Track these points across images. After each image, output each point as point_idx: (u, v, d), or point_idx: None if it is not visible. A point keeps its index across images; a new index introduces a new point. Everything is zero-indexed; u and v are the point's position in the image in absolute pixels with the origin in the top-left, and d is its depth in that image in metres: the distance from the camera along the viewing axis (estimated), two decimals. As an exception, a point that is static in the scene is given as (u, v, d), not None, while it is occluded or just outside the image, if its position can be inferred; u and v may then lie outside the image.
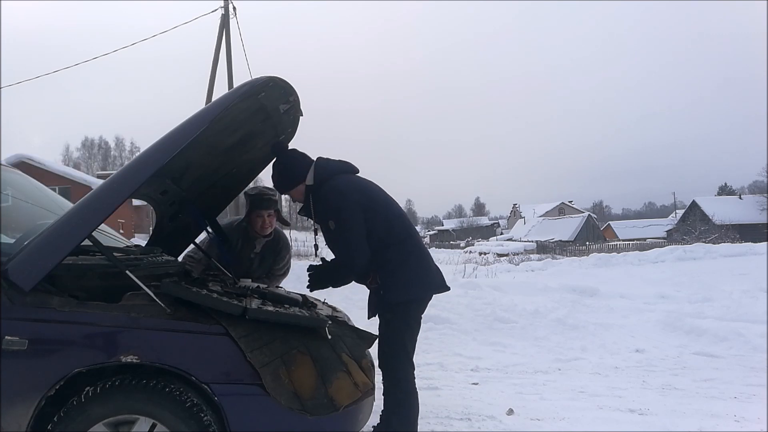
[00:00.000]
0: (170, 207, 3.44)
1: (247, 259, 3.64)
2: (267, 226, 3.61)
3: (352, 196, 2.75)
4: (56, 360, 2.17)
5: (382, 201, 2.88)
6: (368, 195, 2.83)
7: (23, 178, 3.48)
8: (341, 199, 2.74)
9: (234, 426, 2.20)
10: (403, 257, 2.81)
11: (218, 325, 2.29)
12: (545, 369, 5.07)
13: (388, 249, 2.78)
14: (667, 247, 17.34)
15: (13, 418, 2.13)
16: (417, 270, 2.83)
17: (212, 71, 15.72)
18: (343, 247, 2.76)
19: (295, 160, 2.92)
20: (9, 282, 2.14)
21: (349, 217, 2.71)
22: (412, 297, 2.81)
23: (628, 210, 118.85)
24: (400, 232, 2.84)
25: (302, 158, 2.93)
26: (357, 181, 2.88)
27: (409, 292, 2.79)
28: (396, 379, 2.79)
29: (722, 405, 3.93)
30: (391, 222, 2.83)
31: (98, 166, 77.44)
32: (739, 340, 5.82)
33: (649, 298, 8.52)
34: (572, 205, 77.61)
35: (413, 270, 2.82)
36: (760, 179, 57.00)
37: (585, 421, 3.59)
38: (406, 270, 2.79)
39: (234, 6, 16.47)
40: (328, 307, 3.22)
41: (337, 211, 2.73)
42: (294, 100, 2.98)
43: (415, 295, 2.83)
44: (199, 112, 2.41)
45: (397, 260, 2.79)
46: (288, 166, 2.91)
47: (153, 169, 2.28)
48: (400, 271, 2.78)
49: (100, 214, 2.25)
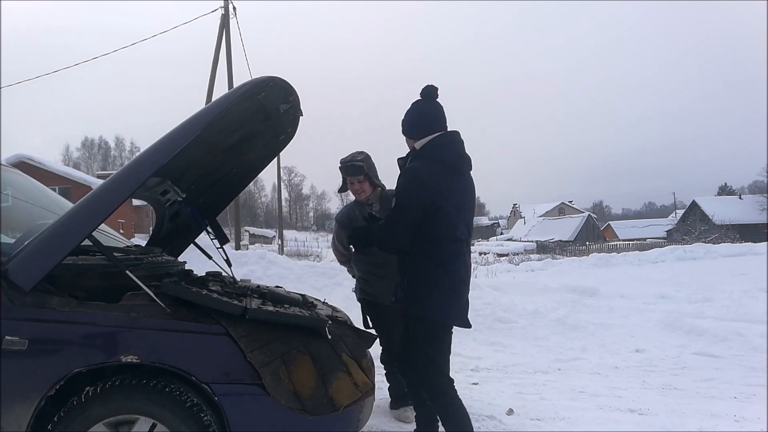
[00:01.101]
0: (170, 207, 3.44)
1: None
2: (359, 191, 3.65)
3: (424, 190, 2.62)
4: (56, 360, 2.17)
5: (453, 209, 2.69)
6: (443, 196, 2.65)
7: (23, 178, 3.48)
8: (413, 186, 2.63)
9: (234, 426, 2.20)
10: (442, 274, 2.66)
11: (218, 325, 2.29)
12: (545, 369, 5.07)
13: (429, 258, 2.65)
14: (667, 247, 17.35)
15: (13, 418, 2.13)
16: (446, 294, 2.67)
17: (212, 71, 15.75)
18: (386, 229, 2.69)
19: (429, 118, 2.79)
20: (9, 282, 2.14)
21: (409, 206, 2.62)
22: (434, 318, 2.69)
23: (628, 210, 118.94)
24: (451, 250, 2.68)
25: (434, 121, 2.79)
26: (442, 178, 2.68)
27: (432, 311, 2.67)
28: (434, 393, 2.72)
29: (722, 405, 3.93)
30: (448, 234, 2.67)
31: (98, 166, 77.48)
32: (739, 340, 5.83)
33: (649, 298, 8.52)
34: (572, 205, 77.60)
35: (442, 293, 2.66)
36: (760, 179, 57.13)
37: (585, 421, 3.59)
38: (436, 289, 2.65)
39: (234, 6, 16.52)
40: (328, 307, 3.22)
41: (402, 196, 2.65)
42: (294, 100, 2.98)
43: (437, 317, 2.70)
44: (199, 112, 2.41)
45: (429, 275, 2.65)
46: (420, 118, 2.80)
47: (153, 169, 2.28)
48: (430, 288, 2.65)
49: (100, 214, 2.25)
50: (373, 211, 3.67)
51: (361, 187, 3.64)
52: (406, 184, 2.68)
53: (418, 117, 2.82)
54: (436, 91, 2.84)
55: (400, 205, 2.66)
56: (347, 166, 3.62)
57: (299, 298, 2.92)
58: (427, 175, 2.65)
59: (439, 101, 2.86)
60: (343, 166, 3.65)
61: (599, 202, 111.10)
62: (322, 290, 7.93)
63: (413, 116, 2.84)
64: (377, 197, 3.70)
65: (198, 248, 3.67)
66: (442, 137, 2.78)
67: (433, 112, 2.82)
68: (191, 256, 3.77)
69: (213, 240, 3.41)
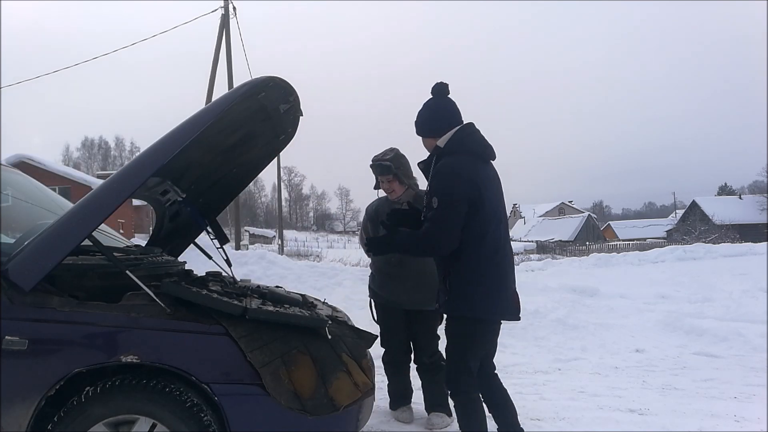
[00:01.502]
0: (170, 207, 3.44)
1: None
2: (389, 190, 3.59)
3: (465, 183, 2.57)
4: (56, 360, 2.17)
5: (493, 199, 2.66)
6: (482, 186, 2.62)
7: (23, 178, 3.48)
8: (453, 181, 2.57)
9: (234, 426, 2.21)
10: (486, 268, 2.61)
11: (218, 325, 2.29)
12: (545, 369, 5.07)
13: (474, 252, 2.59)
14: (667, 247, 17.33)
15: (13, 418, 2.13)
16: (493, 287, 2.62)
17: (212, 71, 15.76)
18: (437, 229, 2.57)
19: (446, 114, 2.75)
20: (9, 282, 2.14)
21: (454, 202, 2.54)
22: (478, 316, 2.63)
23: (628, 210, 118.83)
24: (494, 241, 2.64)
25: (451, 115, 2.75)
26: (478, 169, 2.66)
27: (477, 308, 2.60)
28: (461, 395, 2.69)
29: (722, 405, 3.93)
30: (490, 225, 2.63)
31: (98, 166, 77.50)
32: (739, 340, 5.82)
33: (649, 298, 8.51)
34: (572, 205, 77.57)
35: (489, 286, 2.61)
36: (760, 179, 57.14)
37: (585, 421, 3.59)
38: (483, 284, 2.60)
39: (234, 6, 16.53)
40: (328, 307, 3.22)
41: (444, 194, 2.56)
42: (294, 100, 2.98)
43: (483, 316, 2.63)
44: (199, 112, 2.41)
45: (477, 270, 2.59)
46: (437, 114, 2.76)
47: (153, 169, 2.28)
48: (476, 283, 2.59)
49: (100, 214, 2.25)
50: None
51: (391, 186, 3.56)
52: (446, 180, 2.60)
53: (437, 114, 2.78)
54: (447, 88, 2.82)
55: (446, 203, 2.55)
56: (375, 165, 3.54)
57: (299, 298, 2.93)
58: (464, 168, 2.62)
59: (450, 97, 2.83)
60: (372, 165, 3.58)
61: (599, 202, 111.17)
62: (322, 290, 7.93)
63: (431, 114, 2.79)
64: (409, 197, 3.59)
65: (198, 248, 3.67)
66: (463, 130, 2.75)
67: (449, 107, 2.79)
68: (191, 256, 3.77)
69: (213, 240, 3.41)
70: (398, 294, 3.55)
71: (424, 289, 3.45)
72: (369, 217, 3.79)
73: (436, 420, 3.51)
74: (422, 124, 2.83)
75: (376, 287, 3.70)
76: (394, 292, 3.57)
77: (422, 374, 3.66)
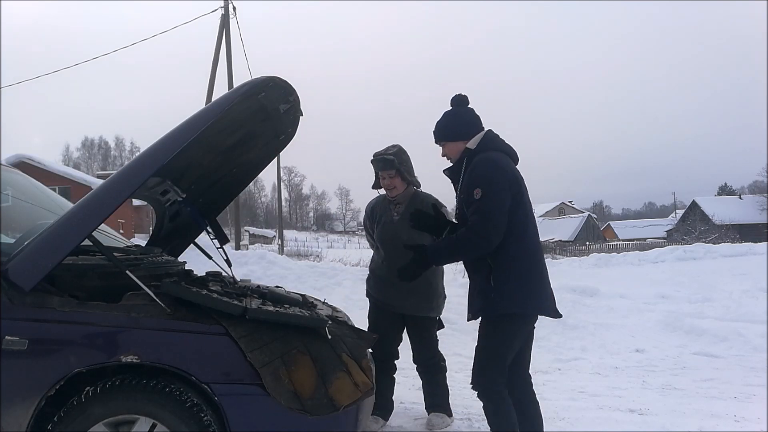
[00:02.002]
0: (170, 207, 3.45)
1: (390, 225, 3.53)
2: (390, 187, 3.50)
3: (506, 173, 2.62)
4: (56, 360, 2.17)
5: (527, 196, 2.71)
6: (520, 182, 2.67)
7: (23, 178, 3.48)
8: (496, 172, 2.60)
9: (234, 426, 2.21)
10: (530, 264, 2.61)
11: (218, 325, 2.29)
12: (545, 369, 5.07)
13: (519, 247, 2.59)
14: (667, 247, 17.31)
15: (13, 418, 2.13)
16: (537, 284, 2.63)
17: (212, 71, 15.76)
18: (484, 218, 2.53)
19: (471, 118, 2.82)
20: (9, 282, 2.14)
21: (499, 190, 2.56)
22: (524, 311, 2.62)
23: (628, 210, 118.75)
24: (533, 237, 2.67)
25: (477, 120, 2.83)
26: (512, 166, 2.75)
27: (524, 304, 2.59)
28: (491, 392, 2.63)
29: (722, 405, 3.93)
30: (529, 221, 2.66)
31: (98, 166, 77.48)
32: (739, 340, 5.83)
33: (649, 298, 8.51)
34: (572, 205, 77.52)
35: (534, 282, 2.62)
36: (760, 179, 57.16)
37: (585, 421, 3.60)
38: (528, 279, 2.59)
39: (234, 6, 16.53)
40: (328, 307, 3.22)
41: (489, 182, 2.57)
42: (294, 100, 2.98)
43: (528, 310, 2.64)
44: (199, 112, 2.41)
45: (522, 266, 2.59)
46: (463, 119, 2.81)
47: (153, 169, 2.28)
48: (522, 278, 2.58)
49: (100, 214, 2.25)
50: (395, 214, 3.53)
51: (392, 182, 3.48)
52: (488, 171, 2.60)
53: (464, 119, 2.82)
54: (467, 99, 2.88)
55: (491, 192, 2.54)
56: (378, 159, 3.46)
57: (299, 298, 2.93)
58: (504, 161, 2.68)
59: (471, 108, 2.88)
60: (374, 159, 3.50)
61: (599, 202, 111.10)
62: (322, 290, 7.93)
63: (458, 119, 2.82)
64: (407, 196, 3.52)
65: (198, 248, 3.67)
66: (490, 132, 2.81)
67: (473, 113, 2.85)
68: (191, 256, 3.77)
69: (213, 240, 3.41)
70: (391, 298, 3.51)
71: (417, 295, 3.43)
72: (367, 213, 3.76)
73: (436, 420, 3.50)
74: (449, 128, 2.83)
75: (371, 288, 3.69)
76: (388, 296, 3.54)
77: (423, 374, 3.64)
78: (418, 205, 3.35)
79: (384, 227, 3.55)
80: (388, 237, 3.51)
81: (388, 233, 3.52)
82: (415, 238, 3.18)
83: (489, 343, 2.66)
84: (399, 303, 3.49)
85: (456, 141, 2.80)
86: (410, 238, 3.20)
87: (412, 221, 2.89)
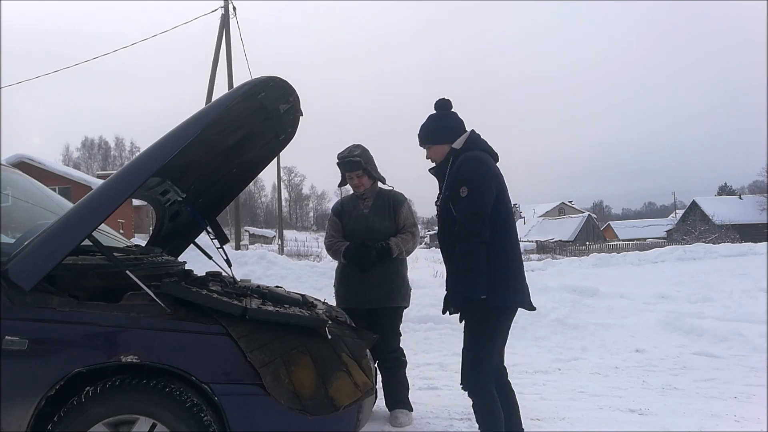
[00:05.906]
0: (170, 207, 3.44)
1: (362, 217, 3.75)
2: (358, 185, 3.72)
3: (491, 171, 2.74)
4: (56, 360, 2.17)
5: (508, 195, 2.81)
6: (500, 180, 2.78)
7: (23, 178, 3.48)
8: (482, 170, 2.71)
9: (234, 426, 2.21)
10: (512, 258, 2.71)
11: (218, 325, 2.29)
12: (545, 369, 5.07)
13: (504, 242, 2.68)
14: (667, 247, 17.30)
15: (13, 418, 2.13)
16: (519, 277, 2.74)
17: (212, 71, 15.76)
18: (472, 215, 2.62)
19: (454, 122, 2.91)
20: (9, 282, 2.14)
21: (486, 187, 2.66)
22: (511, 304, 2.71)
23: (628, 210, 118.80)
24: (514, 233, 2.79)
25: (460, 123, 2.92)
26: (494, 165, 2.84)
27: (510, 298, 2.68)
28: (482, 391, 2.69)
29: (722, 405, 3.93)
30: (510, 218, 2.77)
31: (98, 166, 77.51)
32: (739, 340, 5.82)
33: (649, 298, 8.51)
34: (572, 205, 77.53)
35: (518, 276, 2.72)
36: (760, 179, 57.10)
37: (585, 421, 3.59)
38: (513, 274, 2.69)
39: (234, 6, 16.53)
40: (328, 307, 3.22)
41: (475, 180, 2.67)
42: (294, 100, 2.98)
43: (515, 304, 2.72)
44: (199, 112, 2.41)
45: (506, 260, 2.68)
46: (446, 122, 2.91)
47: (153, 169, 2.28)
48: (508, 273, 2.67)
49: (101, 214, 2.25)
50: (364, 208, 3.76)
51: (360, 181, 3.71)
52: (473, 168, 2.70)
53: (449, 122, 2.92)
54: (450, 102, 2.99)
55: (476, 188, 2.64)
56: (345, 162, 3.66)
57: (299, 298, 2.93)
58: (488, 160, 2.79)
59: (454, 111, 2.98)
60: (340, 162, 3.69)
61: (599, 202, 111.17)
62: (322, 290, 7.93)
63: (442, 123, 2.92)
64: (374, 192, 3.77)
65: (198, 248, 3.67)
66: (474, 133, 2.90)
67: (457, 116, 2.96)
68: (191, 256, 3.77)
69: (213, 240, 3.41)
70: (362, 292, 3.59)
71: (388, 286, 3.59)
72: (335, 212, 3.91)
73: (403, 418, 3.52)
74: (434, 132, 2.92)
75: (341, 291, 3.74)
76: (359, 291, 3.61)
77: (384, 371, 3.63)
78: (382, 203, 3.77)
79: (356, 220, 3.76)
80: (361, 228, 3.72)
81: (360, 224, 3.74)
82: (385, 226, 3.68)
83: (477, 340, 2.72)
84: (373, 296, 3.59)
85: (441, 144, 2.90)
86: (381, 227, 3.68)
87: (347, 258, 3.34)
